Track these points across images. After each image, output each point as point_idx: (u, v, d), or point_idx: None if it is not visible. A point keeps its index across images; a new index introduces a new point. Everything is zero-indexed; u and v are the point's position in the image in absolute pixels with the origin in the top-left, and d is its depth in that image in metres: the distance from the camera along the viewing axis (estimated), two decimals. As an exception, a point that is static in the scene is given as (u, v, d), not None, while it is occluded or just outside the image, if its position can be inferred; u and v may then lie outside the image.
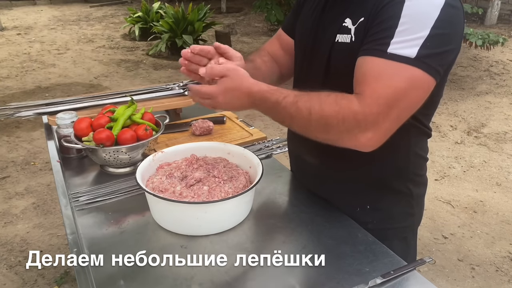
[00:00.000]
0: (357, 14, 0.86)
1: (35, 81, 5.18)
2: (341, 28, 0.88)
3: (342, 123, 0.79)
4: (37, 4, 10.52)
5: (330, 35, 0.91)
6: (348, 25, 0.87)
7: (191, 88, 0.91)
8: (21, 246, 2.39)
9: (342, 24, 0.88)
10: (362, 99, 0.78)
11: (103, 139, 1.15)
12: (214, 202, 0.92)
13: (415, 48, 0.76)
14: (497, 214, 2.68)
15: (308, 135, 0.86)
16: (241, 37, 7.46)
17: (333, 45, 0.90)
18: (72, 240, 0.92)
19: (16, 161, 3.33)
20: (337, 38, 0.89)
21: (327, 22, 0.94)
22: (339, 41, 0.88)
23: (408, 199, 1.02)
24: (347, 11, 0.89)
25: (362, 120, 0.78)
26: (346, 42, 0.87)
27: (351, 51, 0.85)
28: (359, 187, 1.01)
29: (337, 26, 0.89)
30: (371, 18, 0.82)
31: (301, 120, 0.83)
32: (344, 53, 0.87)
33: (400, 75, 0.77)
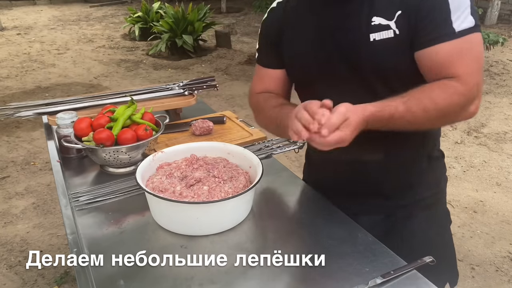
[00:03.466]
0: (388, 10, 0.89)
1: (35, 81, 5.18)
2: (372, 27, 0.90)
3: (457, 107, 0.87)
4: (37, 4, 10.52)
5: (359, 38, 0.91)
6: (380, 22, 0.89)
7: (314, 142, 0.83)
8: (21, 246, 2.39)
9: (371, 24, 0.90)
10: (460, 80, 0.86)
11: (103, 139, 1.15)
12: (214, 202, 0.92)
13: (469, 16, 0.85)
14: (497, 214, 2.68)
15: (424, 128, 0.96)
16: (241, 37, 7.46)
17: (369, 45, 0.90)
18: (72, 240, 0.92)
19: (16, 161, 3.33)
20: (372, 37, 0.90)
21: (343, 30, 0.93)
22: (377, 39, 0.90)
23: (441, 161, 1.15)
24: (368, 10, 0.90)
25: (470, 96, 0.87)
26: (388, 38, 0.89)
27: (397, 44, 0.89)
28: (414, 163, 1.07)
29: (364, 26, 0.90)
30: (413, 10, 0.86)
31: (419, 120, 0.87)
32: (389, 47, 0.90)
33: (474, 44, 0.87)
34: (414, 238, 1.08)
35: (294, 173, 1.24)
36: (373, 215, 1.09)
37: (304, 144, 1.39)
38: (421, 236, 1.08)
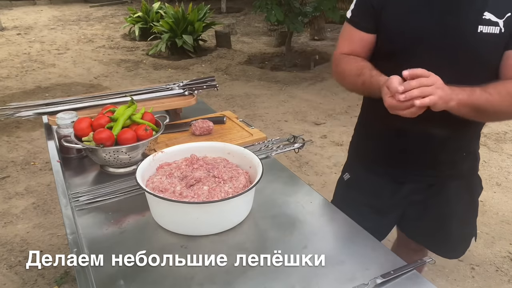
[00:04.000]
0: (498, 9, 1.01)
1: (35, 81, 5.18)
2: (481, 20, 1.02)
3: None
4: (37, 4, 10.52)
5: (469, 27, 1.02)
6: (490, 18, 1.01)
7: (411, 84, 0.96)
8: (21, 246, 2.39)
9: (482, 17, 1.01)
10: None
11: (103, 139, 1.15)
12: (214, 202, 0.92)
13: None
14: (497, 214, 2.68)
15: (497, 116, 1.08)
16: (241, 37, 7.46)
17: (476, 36, 1.02)
18: (72, 240, 0.92)
19: (16, 161, 3.33)
20: (480, 29, 1.02)
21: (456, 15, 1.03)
22: (484, 32, 1.01)
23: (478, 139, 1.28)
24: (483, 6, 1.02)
25: None
26: (494, 33, 1.02)
27: (499, 40, 1.02)
28: (470, 143, 1.25)
29: (475, 18, 1.02)
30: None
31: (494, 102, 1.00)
32: (492, 42, 1.02)
33: None
34: (449, 203, 1.26)
35: (294, 173, 1.24)
36: (417, 184, 1.26)
37: (303, 145, 1.39)
38: (455, 201, 1.27)
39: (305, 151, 3.33)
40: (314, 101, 4.45)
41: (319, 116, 4.12)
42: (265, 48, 6.73)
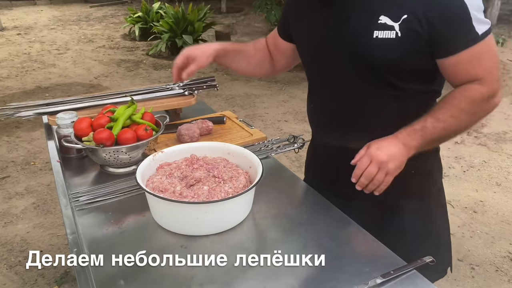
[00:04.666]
0: (393, 11, 0.92)
1: (35, 81, 5.18)
2: (376, 24, 0.94)
3: (481, 105, 0.94)
4: (37, 4, 10.52)
5: (364, 32, 0.95)
6: (386, 22, 0.93)
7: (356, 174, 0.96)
8: (21, 246, 2.39)
9: (378, 22, 0.93)
10: (483, 81, 0.93)
11: (103, 139, 1.15)
12: (214, 202, 0.92)
13: (485, 19, 0.89)
14: (497, 214, 2.68)
15: (461, 133, 1.00)
16: (241, 37, 7.46)
17: (371, 41, 0.94)
18: (72, 240, 0.92)
19: (16, 161, 3.33)
20: (375, 34, 0.94)
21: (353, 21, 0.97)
22: (379, 37, 0.93)
23: (437, 154, 1.16)
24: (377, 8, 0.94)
25: (492, 92, 0.94)
26: (390, 38, 0.93)
27: (396, 45, 0.93)
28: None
29: (369, 22, 0.94)
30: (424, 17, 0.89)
31: (453, 127, 0.95)
32: (388, 47, 0.93)
33: (491, 43, 0.92)
34: (403, 227, 1.13)
35: (294, 173, 1.24)
36: (368, 202, 1.09)
37: (303, 144, 1.39)
38: (409, 225, 1.13)
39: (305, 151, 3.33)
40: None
41: (319, 116, 4.12)
42: (265, 48, 6.72)
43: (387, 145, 0.93)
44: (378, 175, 0.92)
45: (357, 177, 0.94)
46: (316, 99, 1.17)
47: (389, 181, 0.93)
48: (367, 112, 1.04)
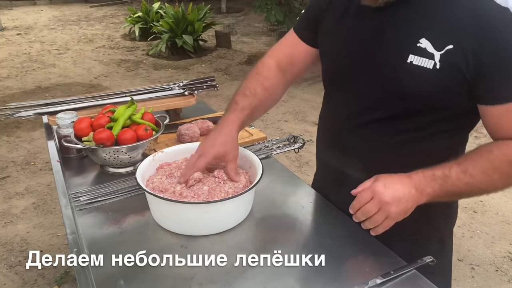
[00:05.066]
0: (438, 37, 0.78)
1: (35, 81, 5.18)
2: (414, 48, 0.80)
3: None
4: (37, 4, 10.52)
5: (397, 53, 0.82)
6: (426, 47, 0.79)
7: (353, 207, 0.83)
8: (21, 246, 2.39)
9: (416, 44, 0.80)
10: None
11: (103, 139, 1.15)
12: (214, 202, 0.92)
13: None
14: (497, 214, 2.68)
15: (489, 193, 0.83)
16: (241, 37, 7.46)
17: (404, 66, 0.81)
18: (72, 240, 0.92)
19: (16, 161, 3.33)
20: (410, 59, 0.80)
21: (385, 37, 0.84)
22: (414, 64, 0.80)
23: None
24: (420, 28, 0.80)
25: None
26: (426, 68, 0.79)
27: (432, 79, 0.79)
28: None
29: (407, 44, 0.81)
30: (473, 52, 0.75)
31: (481, 184, 0.80)
32: (422, 79, 0.80)
33: None
34: None
35: (294, 173, 1.24)
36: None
37: (303, 145, 1.39)
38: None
39: (305, 151, 3.33)
40: (314, 101, 4.45)
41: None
42: (265, 48, 6.72)
43: (396, 184, 0.79)
44: (377, 216, 0.79)
45: (355, 211, 0.82)
46: (328, 108, 1.06)
47: (388, 225, 0.80)
48: (376, 141, 0.92)
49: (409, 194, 0.78)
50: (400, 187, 0.79)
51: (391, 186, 0.79)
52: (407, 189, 0.79)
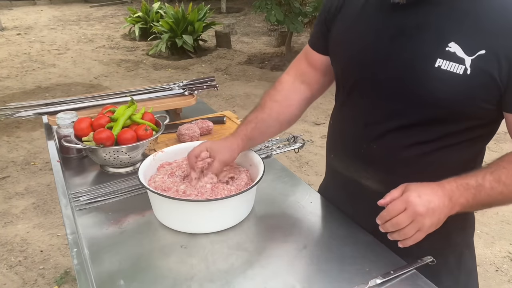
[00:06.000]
0: (469, 41, 0.74)
1: (35, 81, 5.18)
2: (442, 52, 0.75)
3: None
4: (37, 4, 10.52)
5: (423, 56, 0.77)
6: (456, 51, 0.74)
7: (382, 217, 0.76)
8: (21, 246, 2.39)
9: (445, 48, 0.75)
10: None
11: (103, 139, 1.15)
12: (219, 200, 0.92)
13: None
14: (497, 214, 2.68)
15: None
16: (241, 37, 7.46)
17: (432, 71, 0.76)
18: (72, 240, 0.92)
19: (16, 161, 3.33)
20: (438, 63, 0.76)
21: (408, 39, 0.80)
22: (443, 68, 0.75)
23: (463, 214, 0.90)
24: (448, 31, 0.76)
25: None
26: (455, 73, 0.74)
27: (462, 85, 0.75)
28: None
29: (434, 47, 0.77)
30: (507, 58, 0.72)
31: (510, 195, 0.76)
32: (451, 84, 0.75)
33: None
34: None
35: (294, 173, 1.24)
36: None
37: (303, 145, 1.39)
38: None
39: (305, 151, 3.33)
40: (315, 101, 4.45)
41: (319, 116, 4.12)
42: (265, 48, 6.73)
43: (430, 194, 0.73)
44: (408, 229, 0.73)
45: (383, 221, 0.76)
46: (343, 114, 1.00)
47: (419, 238, 0.74)
48: (397, 150, 0.87)
49: (443, 205, 0.73)
50: (434, 198, 0.73)
51: (425, 197, 0.73)
52: (441, 199, 0.73)
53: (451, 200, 0.74)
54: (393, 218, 0.74)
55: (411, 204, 0.72)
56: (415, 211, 0.72)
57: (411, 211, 0.72)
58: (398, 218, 0.73)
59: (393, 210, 0.74)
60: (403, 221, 0.73)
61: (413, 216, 0.72)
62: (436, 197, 0.73)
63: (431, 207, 0.72)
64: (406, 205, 0.73)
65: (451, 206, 0.74)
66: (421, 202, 0.72)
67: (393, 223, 0.74)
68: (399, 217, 0.73)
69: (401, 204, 0.73)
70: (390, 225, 0.74)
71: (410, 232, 0.73)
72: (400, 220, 0.73)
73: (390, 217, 0.74)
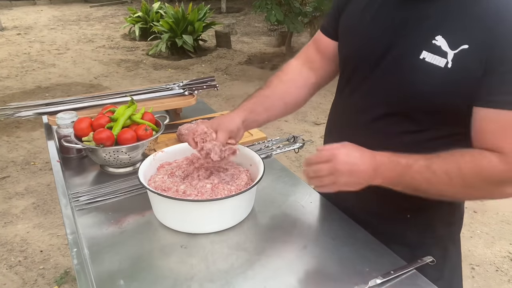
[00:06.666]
0: (455, 36, 0.76)
1: (35, 81, 5.18)
2: (428, 44, 0.78)
3: (486, 184, 0.76)
4: (37, 4, 10.52)
5: (411, 48, 0.80)
6: (441, 45, 0.77)
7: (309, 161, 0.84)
8: (21, 246, 2.39)
9: (431, 41, 0.78)
10: (504, 157, 0.74)
11: (103, 139, 1.15)
12: (219, 200, 0.92)
13: None
14: (497, 214, 2.68)
15: (446, 197, 0.81)
16: (241, 37, 7.46)
17: (416, 62, 0.80)
18: (72, 240, 0.92)
19: (16, 161, 3.33)
20: (423, 55, 0.79)
21: (404, 31, 0.83)
22: (427, 61, 0.78)
23: (449, 207, 0.97)
24: (438, 25, 0.79)
25: (508, 177, 0.75)
26: (438, 66, 0.77)
27: (444, 79, 0.77)
28: (400, 195, 0.88)
29: (422, 39, 0.79)
30: (486, 54, 0.73)
31: (440, 185, 0.78)
32: (432, 76, 0.78)
33: None
34: None
35: (294, 173, 1.24)
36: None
37: (303, 145, 1.39)
38: None
39: (305, 151, 3.33)
40: (314, 101, 4.45)
41: (319, 116, 4.12)
42: (265, 48, 6.73)
43: (357, 158, 0.80)
44: (326, 179, 0.81)
45: (308, 165, 0.84)
46: (341, 102, 1.03)
47: (333, 190, 0.82)
48: (387, 139, 0.90)
49: (365, 172, 0.79)
50: (360, 163, 0.79)
51: (351, 159, 0.79)
52: (366, 167, 0.79)
53: (375, 171, 0.79)
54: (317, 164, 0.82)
55: (336, 159, 0.79)
56: (337, 167, 0.79)
57: (333, 165, 0.80)
58: (320, 166, 0.81)
59: (319, 158, 0.82)
60: (323, 170, 0.81)
61: (333, 170, 0.80)
62: (362, 163, 0.79)
63: (352, 169, 0.79)
64: (332, 158, 0.80)
65: (374, 176, 0.80)
66: (345, 161, 0.79)
67: (314, 169, 0.82)
68: (322, 166, 0.81)
69: (328, 155, 0.81)
70: (312, 170, 0.83)
71: (325, 182, 0.81)
72: (320, 168, 0.81)
73: (315, 163, 0.82)
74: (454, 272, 1.04)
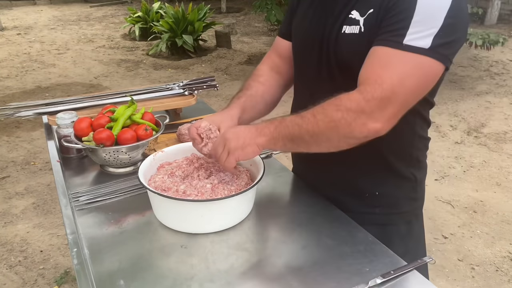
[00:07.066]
0: (365, 7, 0.88)
1: (35, 81, 5.18)
2: (347, 19, 0.90)
3: (347, 114, 0.81)
4: (37, 4, 10.52)
5: (335, 27, 0.92)
6: (355, 16, 0.89)
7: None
8: (21, 246, 2.39)
9: (348, 16, 0.90)
10: (364, 87, 0.82)
11: (103, 139, 1.15)
12: (219, 200, 0.92)
13: (429, 38, 0.79)
14: (497, 214, 2.68)
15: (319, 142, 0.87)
16: (241, 37, 7.46)
17: (339, 36, 0.91)
18: (72, 240, 0.92)
19: (16, 161, 3.34)
20: (344, 29, 0.90)
21: (330, 15, 0.95)
22: (346, 32, 0.90)
23: (412, 184, 1.07)
24: (352, 3, 0.91)
25: (366, 106, 0.80)
26: (354, 33, 0.89)
27: (360, 41, 0.88)
28: (367, 173, 1.03)
29: (342, 17, 0.91)
30: (383, 10, 0.84)
31: (308, 126, 0.85)
32: (352, 43, 0.89)
33: (409, 63, 0.80)
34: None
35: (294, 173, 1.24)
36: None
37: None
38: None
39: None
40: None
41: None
42: (265, 48, 6.72)
43: (241, 128, 0.94)
44: (222, 154, 0.92)
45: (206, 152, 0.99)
46: (296, 97, 1.14)
47: (232, 161, 0.92)
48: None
49: (248, 132, 0.91)
50: (244, 128, 0.93)
51: (237, 128, 0.93)
52: (248, 129, 0.92)
53: (257, 130, 0.91)
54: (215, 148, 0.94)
55: (223, 134, 0.93)
56: (225, 137, 0.92)
57: (223, 138, 0.93)
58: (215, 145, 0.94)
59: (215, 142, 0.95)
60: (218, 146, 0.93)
61: (223, 142, 0.92)
62: (245, 127, 0.93)
63: (237, 132, 0.91)
64: (222, 138, 0.93)
65: (256, 134, 0.90)
66: (231, 131, 0.92)
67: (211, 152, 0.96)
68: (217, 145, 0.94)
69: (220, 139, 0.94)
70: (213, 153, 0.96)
71: (223, 157, 0.92)
72: (215, 145, 0.94)
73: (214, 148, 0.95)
74: (418, 243, 1.14)
